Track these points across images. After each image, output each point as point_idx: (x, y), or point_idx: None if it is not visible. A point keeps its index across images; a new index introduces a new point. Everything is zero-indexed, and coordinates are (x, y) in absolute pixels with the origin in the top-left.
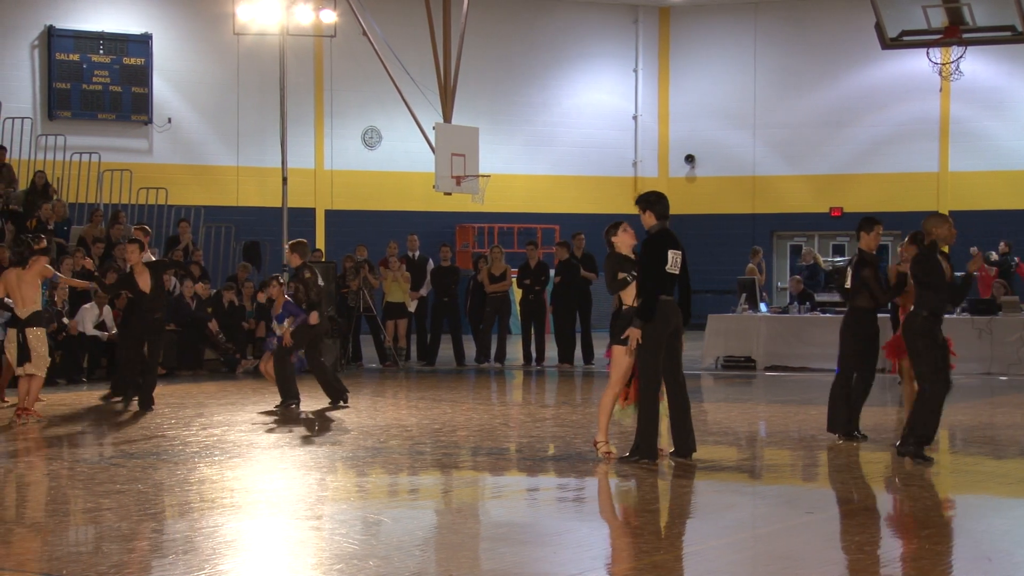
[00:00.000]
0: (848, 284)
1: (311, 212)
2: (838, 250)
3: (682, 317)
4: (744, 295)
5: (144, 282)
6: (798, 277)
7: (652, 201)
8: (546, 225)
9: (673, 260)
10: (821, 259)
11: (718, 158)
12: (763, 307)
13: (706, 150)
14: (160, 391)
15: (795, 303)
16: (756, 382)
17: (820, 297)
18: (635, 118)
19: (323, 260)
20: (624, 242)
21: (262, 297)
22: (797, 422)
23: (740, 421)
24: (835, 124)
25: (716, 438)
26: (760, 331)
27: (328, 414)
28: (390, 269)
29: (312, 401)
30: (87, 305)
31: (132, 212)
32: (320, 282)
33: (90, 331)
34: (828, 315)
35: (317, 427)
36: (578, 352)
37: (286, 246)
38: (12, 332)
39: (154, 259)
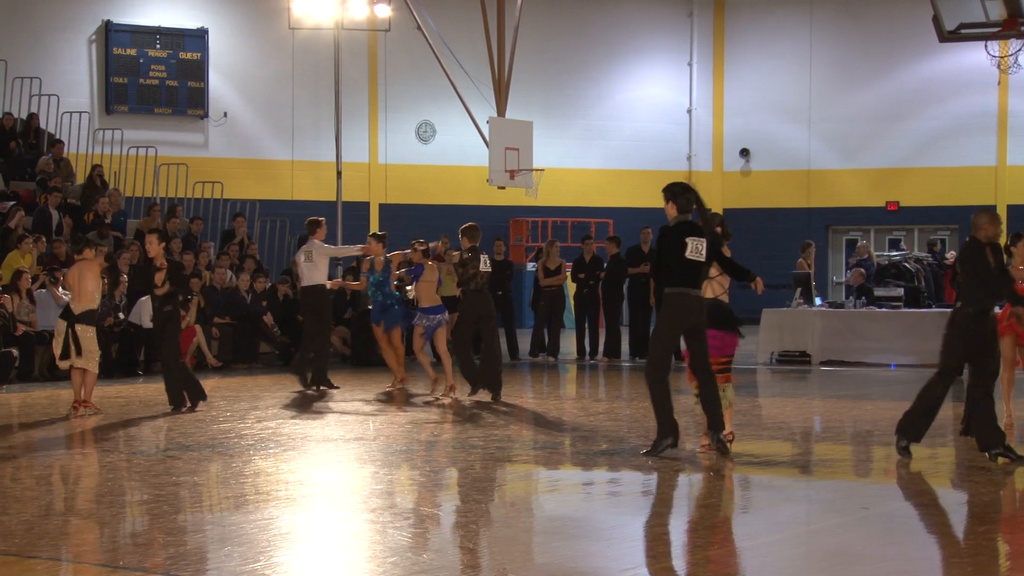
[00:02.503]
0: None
1: (365, 206)
2: (894, 244)
3: (703, 310)
4: (799, 289)
5: (159, 277)
6: (861, 269)
7: (677, 193)
8: (599, 219)
9: (694, 247)
10: (875, 254)
11: (773, 152)
12: (818, 301)
13: (761, 144)
14: (215, 384)
15: (851, 297)
16: (811, 377)
17: (878, 292)
18: (689, 112)
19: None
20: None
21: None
22: (852, 417)
23: (794, 416)
24: (891, 117)
25: (770, 433)
26: (815, 325)
27: (378, 408)
28: (444, 263)
29: (359, 392)
30: (144, 298)
31: (188, 206)
32: (483, 267)
33: (147, 324)
34: (884, 309)
35: (370, 421)
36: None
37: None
38: (61, 324)
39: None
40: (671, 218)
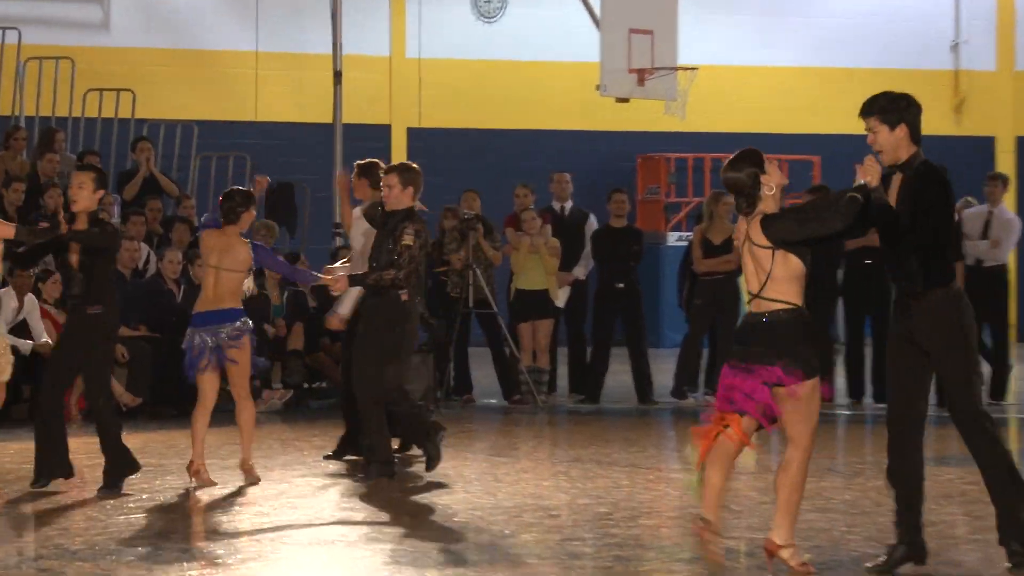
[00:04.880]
0: None
1: (383, 131)
2: None
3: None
4: None
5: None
6: None
7: (897, 107)
8: (797, 156)
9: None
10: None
11: None
12: None
13: None
14: (147, 438)
15: None
16: None
17: None
18: None
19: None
20: None
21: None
22: None
23: None
24: None
25: None
26: None
27: (409, 483)
28: (523, 232)
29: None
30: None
31: (75, 130)
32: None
33: (27, 347)
34: None
35: (395, 505)
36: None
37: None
38: None
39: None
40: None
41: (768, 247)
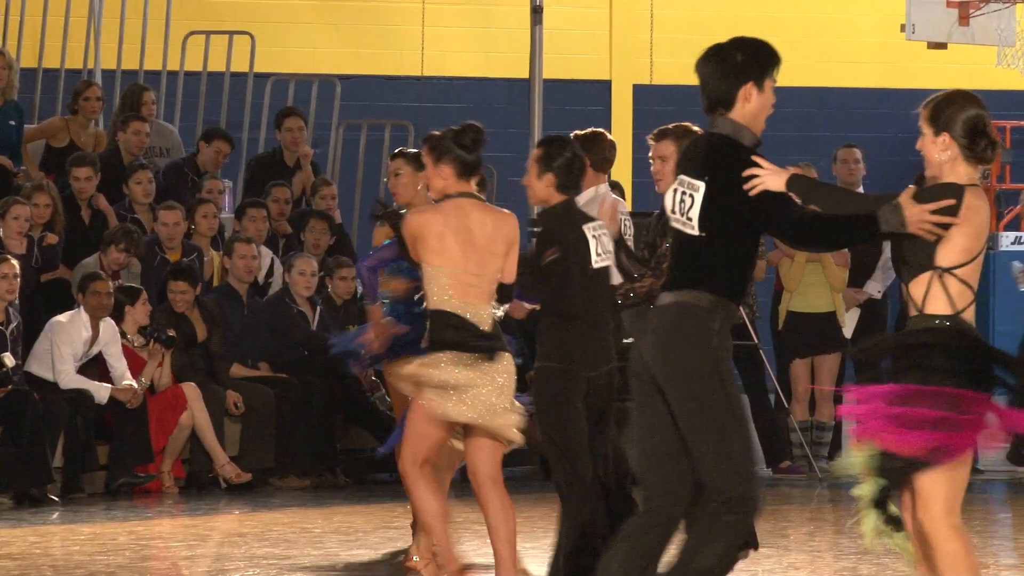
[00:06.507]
0: None
1: (600, 90)
2: None
3: None
4: None
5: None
6: None
7: None
8: None
9: None
10: None
11: None
12: None
13: None
14: (271, 520)
15: None
16: None
17: None
18: None
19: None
20: None
21: None
22: None
23: None
24: None
25: None
26: None
27: None
28: None
29: None
30: (69, 317)
31: (172, 88)
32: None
33: (70, 383)
34: None
35: None
36: None
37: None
38: None
39: None
40: None
41: None
